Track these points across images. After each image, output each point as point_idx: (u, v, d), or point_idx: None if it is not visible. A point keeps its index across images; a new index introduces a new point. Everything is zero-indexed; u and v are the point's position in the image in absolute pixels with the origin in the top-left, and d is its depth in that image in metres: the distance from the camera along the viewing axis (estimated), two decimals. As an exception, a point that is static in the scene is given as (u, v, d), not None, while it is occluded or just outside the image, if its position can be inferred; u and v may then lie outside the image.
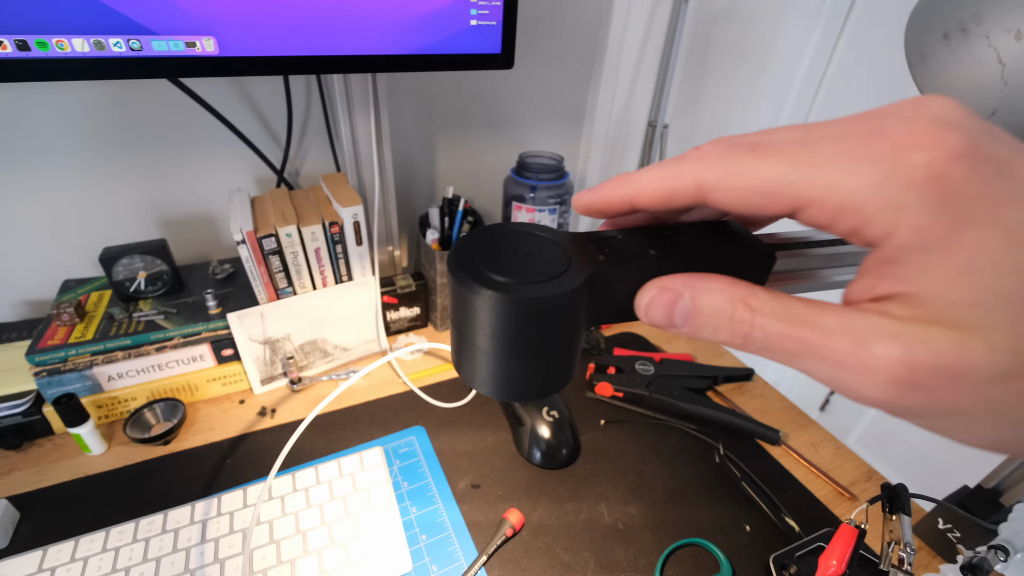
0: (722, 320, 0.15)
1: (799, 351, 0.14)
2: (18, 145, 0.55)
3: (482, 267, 0.17)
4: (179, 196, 0.64)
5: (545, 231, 0.20)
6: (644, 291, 0.17)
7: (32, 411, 0.50)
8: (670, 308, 0.16)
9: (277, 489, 0.47)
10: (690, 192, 0.16)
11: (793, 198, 0.14)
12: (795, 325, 0.14)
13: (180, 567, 0.40)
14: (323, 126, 0.67)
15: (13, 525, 0.44)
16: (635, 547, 0.46)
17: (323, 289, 0.59)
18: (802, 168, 0.14)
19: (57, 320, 0.52)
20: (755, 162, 0.15)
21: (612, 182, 0.19)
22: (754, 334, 0.15)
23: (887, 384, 0.13)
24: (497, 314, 0.17)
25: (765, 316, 0.15)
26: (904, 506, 0.30)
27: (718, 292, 0.16)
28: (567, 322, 0.18)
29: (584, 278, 0.17)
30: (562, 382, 0.20)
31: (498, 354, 0.18)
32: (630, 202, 0.18)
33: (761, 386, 0.67)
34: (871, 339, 0.13)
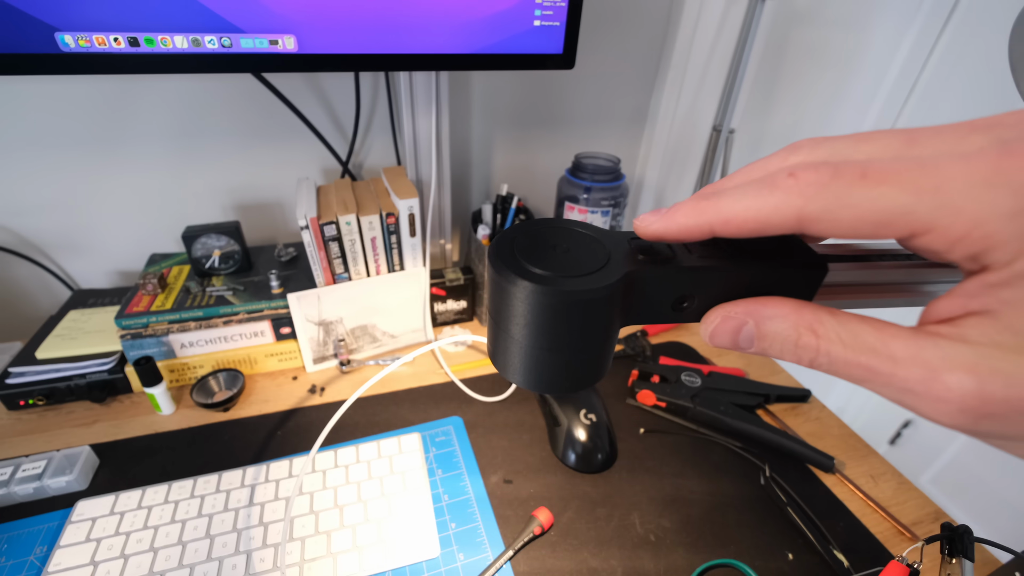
0: (787, 345, 0.16)
1: (866, 377, 0.14)
2: (121, 130, 0.61)
3: (521, 259, 0.18)
4: (254, 182, 0.69)
5: (587, 228, 0.20)
6: (708, 319, 0.18)
7: (116, 369, 0.56)
8: (735, 335, 0.17)
9: (320, 463, 0.49)
10: (789, 224, 0.15)
11: (912, 227, 0.13)
12: (862, 353, 0.14)
13: (229, 526, 0.44)
14: (387, 122, 0.70)
15: (93, 470, 0.49)
16: (666, 561, 0.45)
17: (376, 277, 0.62)
18: (925, 196, 0.13)
19: (143, 289, 0.58)
20: (868, 191, 0.13)
21: (687, 207, 0.17)
22: (819, 360, 0.15)
23: (957, 413, 0.13)
24: (533, 305, 0.17)
25: (831, 343, 0.15)
26: (967, 550, 0.27)
27: (782, 319, 0.16)
28: (601, 318, 0.18)
29: (621, 275, 0.17)
30: (594, 378, 0.20)
31: (532, 345, 0.18)
32: (711, 231, 0.17)
33: (818, 409, 0.63)
34: (943, 369, 0.13)
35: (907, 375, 0.13)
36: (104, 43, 0.40)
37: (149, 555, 0.41)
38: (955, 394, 0.13)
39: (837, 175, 0.14)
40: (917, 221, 0.13)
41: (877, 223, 0.14)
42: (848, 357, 0.14)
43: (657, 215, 0.17)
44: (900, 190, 0.13)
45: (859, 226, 0.14)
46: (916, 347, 0.13)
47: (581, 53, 0.73)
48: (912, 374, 0.13)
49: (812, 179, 0.14)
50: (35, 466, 0.46)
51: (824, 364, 0.15)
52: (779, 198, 0.15)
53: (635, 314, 0.19)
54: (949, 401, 0.13)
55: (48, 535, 0.43)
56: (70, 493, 0.46)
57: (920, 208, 0.13)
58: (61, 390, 0.54)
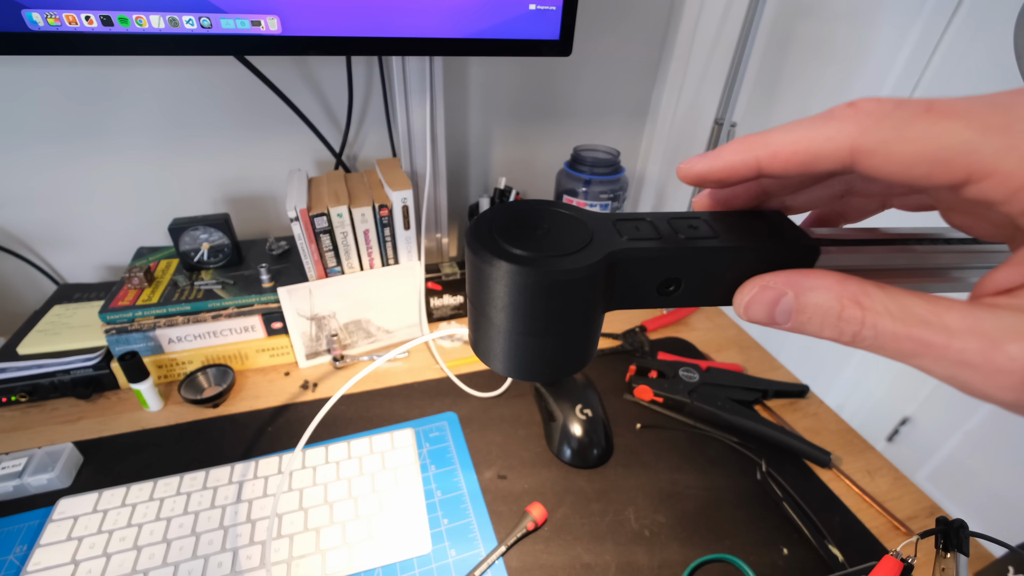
0: (829, 318, 0.14)
1: (917, 351, 0.13)
2: (106, 120, 0.59)
3: (500, 240, 0.17)
4: (245, 174, 0.68)
5: (570, 209, 0.19)
6: (743, 290, 0.17)
7: (102, 365, 0.54)
8: (772, 306, 0.16)
9: (310, 460, 0.48)
10: (840, 156, 0.14)
11: (971, 168, 0.12)
12: (914, 325, 0.13)
13: (215, 523, 0.43)
14: (382, 112, 0.68)
15: (77, 467, 0.48)
16: (660, 556, 0.44)
17: (370, 271, 0.61)
18: (993, 135, 0.12)
19: (128, 283, 0.56)
20: (931, 125, 0.12)
21: (735, 144, 0.16)
22: (864, 333, 0.14)
23: (1019, 385, 0.12)
24: (512, 287, 0.16)
25: (878, 315, 0.14)
26: (961, 544, 0.27)
27: (825, 290, 0.15)
28: (583, 300, 0.17)
29: (603, 255, 0.16)
30: (577, 365, 0.19)
31: (512, 330, 0.17)
32: (758, 168, 0.16)
33: (816, 404, 0.63)
34: (1004, 339, 0.12)
35: (964, 346, 0.12)
36: (75, 21, 0.38)
37: (132, 553, 0.40)
38: (1018, 364, 0.12)
39: (900, 106, 0.13)
40: (979, 162, 0.12)
41: (935, 160, 0.12)
42: (897, 330, 0.13)
43: (702, 156, 0.17)
44: (966, 126, 0.12)
45: (915, 164, 0.13)
46: (973, 318, 0.13)
47: (581, 42, 0.72)
48: (970, 345, 0.12)
49: (873, 108, 0.13)
50: (15, 464, 0.45)
51: (869, 339, 0.14)
52: (834, 127, 0.14)
53: (619, 298, 0.18)
54: (1012, 372, 0.12)
55: (28, 534, 0.42)
56: (52, 491, 0.45)
57: (985, 147, 0.12)
58: (44, 386, 0.53)
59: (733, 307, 0.17)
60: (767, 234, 0.18)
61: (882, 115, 0.13)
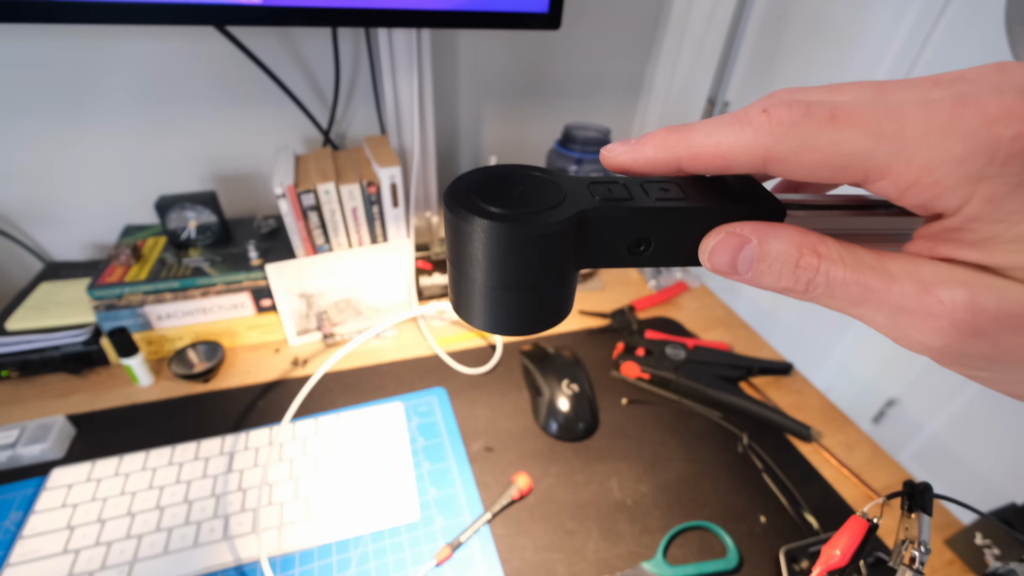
0: (787, 266, 0.15)
1: (861, 297, 0.14)
2: (88, 94, 0.59)
3: (476, 199, 0.17)
4: (231, 152, 0.67)
5: (544, 172, 0.19)
6: (710, 236, 0.17)
7: (91, 341, 0.55)
8: (735, 253, 0.16)
9: (300, 432, 0.49)
10: (754, 164, 0.15)
11: (867, 172, 0.13)
12: (861, 271, 0.14)
13: (207, 491, 0.43)
14: (370, 89, 0.68)
15: (70, 439, 0.48)
16: (641, 524, 0.45)
17: (359, 248, 0.61)
18: (884, 141, 0.13)
19: (116, 260, 0.56)
20: (835, 134, 0.13)
21: (657, 140, 0.17)
22: (817, 279, 0.15)
23: (948, 329, 0.13)
24: (486, 242, 0.17)
25: (832, 262, 0.14)
26: (925, 505, 0.28)
27: (787, 239, 0.15)
28: (554, 255, 0.17)
29: (574, 212, 0.17)
30: (551, 319, 0.20)
31: (488, 285, 0.18)
32: (678, 166, 0.17)
33: (800, 382, 0.64)
34: (937, 284, 0.13)
35: (902, 290, 0.13)
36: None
37: (127, 519, 0.41)
38: (947, 307, 0.13)
39: (808, 114, 0.14)
40: (873, 167, 0.13)
41: (837, 168, 0.14)
42: (846, 276, 0.14)
43: (626, 145, 0.17)
44: (863, 134, 0.13)
45: (820, 169, 0.14)
46: (912, 265, 0.14)
47: (572, 18, 0.71)
48: (907, 289, 0.13)
49: (784, 117, 0.14)
50: (7, 435, 0.45)
51: (821, 286, 0.15)
52: (749, 135, 0.15)
53: (591, 256, 0.19)
54: (940, 316, 0.13)
55: (23, 502, 0.43)
56: (45, 462, 0.46)
57: (878, 153, 0.13)
58: (35, 362, 0.53)
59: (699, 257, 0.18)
60: (736, 196, 0.18)
61: (791, 124, 0.14)
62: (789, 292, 0.16)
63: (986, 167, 0.12)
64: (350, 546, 0.41)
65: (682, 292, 0.77)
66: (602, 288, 0.77)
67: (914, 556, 0.27)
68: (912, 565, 0.27)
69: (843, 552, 0.28)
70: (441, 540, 0.42)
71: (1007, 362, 0.13)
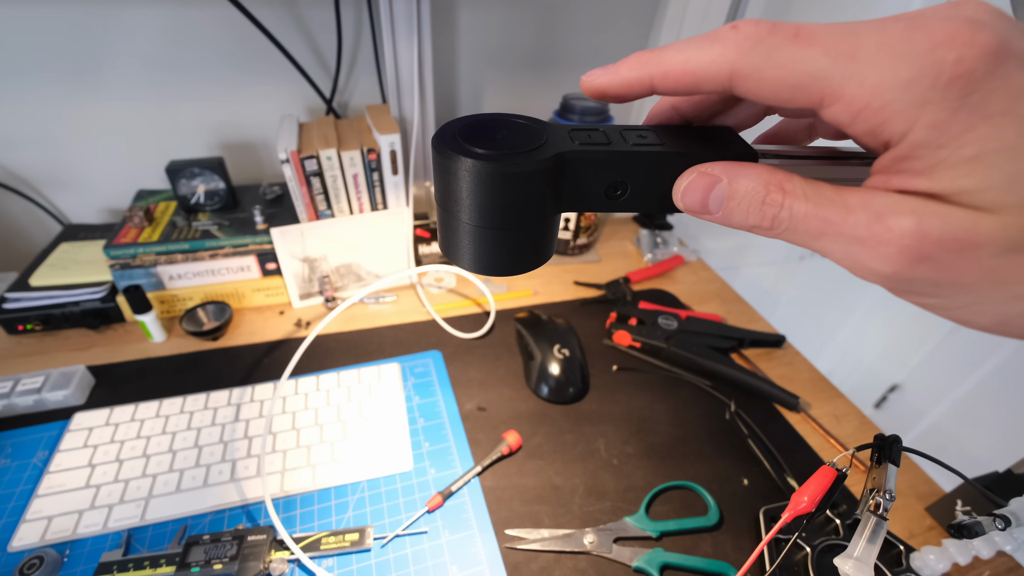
0: (754, 204, 0.16)
1: (821, 230, 0.15)
2: (102, 62, 0.60)
3: (462, 141, 0.18)
4: (238, 120, 0.69)
5: (528, 119, 0.20)
6: (683, 177, 0.18)
7: (108, 299, 0.58)
8: (707, 192, 0.17)
9: (302, 387, 0.52)
10: (721, 79, 0.15)
11: (823, 93, 0.14)
12: (821, 205, 0.15)
13: (216, 438, 0.46)
14: (372, 59, 0.69)
15: (89, 388, 0.52)
16: (626, 482, 0.47)
17: (360, 215, 0.62)
18: (840, 62, 0.14)
19: (130, 222, 0.59)
20: (796, 51, 0.14)
21: (631, 60, 0.17)
22: (782, 215, 0.15)
23: (896, 255, 0.14)
24: (470, 181, 0.18)
25: (795, 198, 0.15)
26: (894, 456, 0.29)
27: (755, 177, 0.16)
28: (534, 195, 0.19)
29: (552, 155, 0.18)
30: (533, 260, 0.21)
31: (472, 224, 0.19)
32: (651, 85, 0.17)
33: (792, 355, 0.65)
34: (888, 213, 0.14)
35: (856, 220, 0.14)
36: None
37: (142, 460, 0.44)
38: (895, 234, 0.13)
39: (774, 31, 0.14)
40: (828, 88, 0.14)
41: (796, 86, 0.14)
42: (808, 210, 0.15)
43: (604, 69, 0.18)
44: (823, 53, 0.14)
45: (780, 88, 0.14)
46: (869, 197, 0.14)
47: (572, -11, 0.71)
48: (861, 219, 0.14)
49: (751, 32, 0.15)
50: (34, 381, 0.49)
51: (785, 221, 0.15)
52: (717, 50, 0.15)
53: (570, 200, 0.20)
54: (889, 243, 0.14)
55: (49, 442, 0.46)
56: (67, 407, 0.49)
57: (834, 74, 0.14)
58: (57, 316, 0.56)
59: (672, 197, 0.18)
60: (711, 143, 0.19)
61: (757, 40, 0.14)
62: (756, 229, 0.16)
63: (929, 91, 0.13)
64: (348, 491, 0.44)
65: (678, 266, 0.78)
66: (599, 261, 0.78)
67: (879, 502, 0.28)
68: (877, 511, 0.28)
69: (810, 498, 0.29)
70: (433, 489, 0.45)
71: (952, 286, 0.14)
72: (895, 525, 0.46)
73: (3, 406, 0.47)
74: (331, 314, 0.45)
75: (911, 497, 0.48)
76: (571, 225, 0.74)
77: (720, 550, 0.43)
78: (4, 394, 0.47)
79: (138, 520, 0.41)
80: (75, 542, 0.40)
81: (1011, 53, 0.13)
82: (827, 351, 1.58)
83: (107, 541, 0.40)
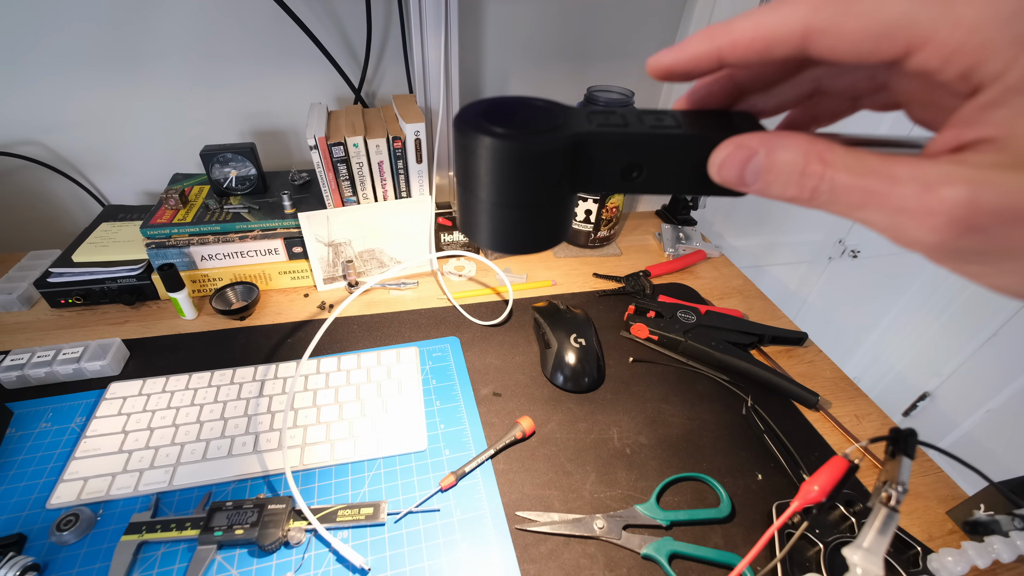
0: (792, 175, 0.15)
1: (863, 201, 0.14)
2: (143, 52, 0.63)
3: (483, 121, 0.19)
4: (270, 108, 0.71)
5: (548, 102, 0.21)
6: (720, 149, 0.17)
7: (144, 276, 0.60)
8: (743, 164, 0.16)
9: (324, 367, 0.53)
10: (794, 39, 0.15)
11: (910, 39, 0.13)
12: (864, 176, 0.14)
13: (240, 411, 0.48)
14: (400, 50, 0.70)
15: (124, 360, 0.54)
16: (638, 471, 0.47)
17: (384, 202, 0.64)
18: (928, 4, 0.13)
19: (166, 204, 0.61)
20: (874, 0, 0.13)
21: (699, 35, 0.17)
22: (822, 187, 0.15)
23: (944, 226, 0.13)
24: (489, 159, 0.19)
25: (836, 169, 0.14)
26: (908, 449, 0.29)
27: (793, 147, 0.15)
28: (551, 173, 0.19)
29: (569, 135, 0.18)
30: (548, 239, 0.22)
31: (492, 202, 0.20)
32: (720, 57, 0.17)
33: (813, 353, 0.64)
34: (940, 183, 0.13)
35: (904, 191, 0.13)
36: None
37: (171, 429, 0.46)
38: (946, 205, 0.13)
39: None
40: (917, 32, 0.13)
41: (879, 35, 0.13)
42: (849, 181, 0.14)
43: (669, 48, 0.18)
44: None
45: (862, 40, 0.14)
46: (918, 167, 0.13)
47: (599, -19, 0.71)
48: (909, 190, 0.13)
49: None
50: (74, 351, 0.51)
51: (825, 193, 0.15)
52: (789, 10, 0.15)
53: (586, 180, 0.20)
54: (938, 214, 0.13)
55: (86, 409, 0.49)
56: (104, 377, 0.52)
57: (923, 16, 0.13)
58: (96, 292, 0.59)
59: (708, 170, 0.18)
60: (727, 128, 0.19)
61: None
62: (795, 200, 0.16)
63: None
64: (364, 467, 0.45)
65: (700, 260, 0.77)
66: (620, 254, 0.78)
67: (891, 494, 0.28)
68: (888, 503, 0.28)
69: (821, 488, 0.29)
70: (447, 469, 0.46)
71: (998, 254, 0.13)
72: (914, 527, 0.45)
73: (45, 373, 0.50)
74: (351, 296, 0.46)
75: (932, 500, 0.47)
76: (592, 217, 0.74)
77: (731, 542, 0.43)
78: (46, 362, 0.50)
79: (166, 485, 0.43)
80: (108, 503, 0.42)
81: None
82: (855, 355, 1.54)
83: (137, 503, 0.42)
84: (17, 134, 0.66)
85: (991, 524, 0.34)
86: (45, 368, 0.50)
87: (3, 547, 0.38)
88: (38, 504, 0.42)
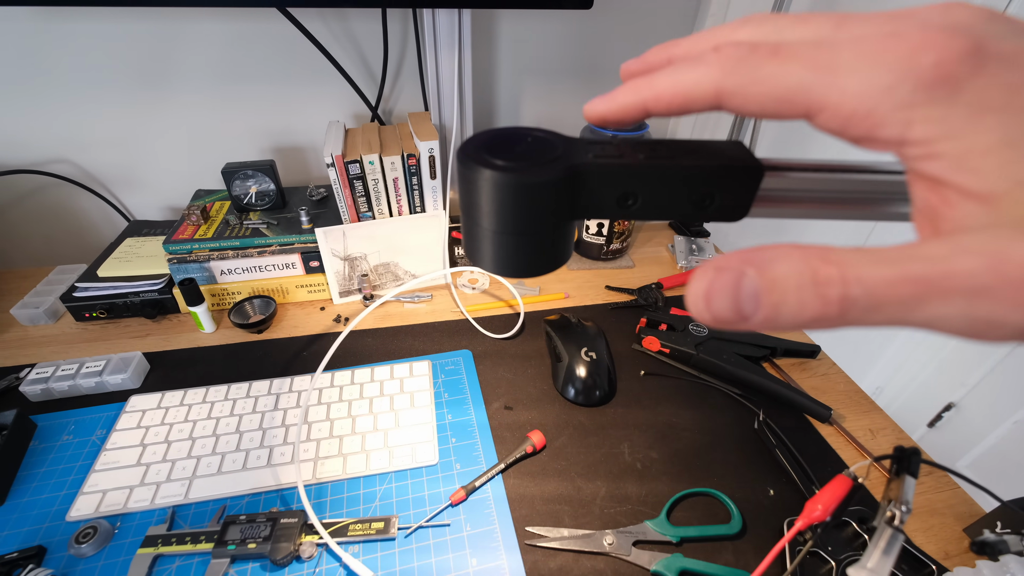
0: (805, 288, 0.12)
1: (921, 293, 0.11)
2: (167, 72, 0.66)
3: (484, 154, 0.20)
4: (289, 127, 0.73)
5: (547, 133, 0.22)
6: (696, 279, 0.14)
7: (165, 290, 0.62)
8: (734, 291, 0.13)
9: (338, 380, 0.54)
10: (708, 99, 0.16)
11: (808, 104, 0.14)
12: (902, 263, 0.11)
13: (256, 424, 0.49)
14: (416, 69, 0.72)
15: (144, 372, 0.56)
16: (649, 486, 0.47)
17: (399, 217, 0.65)
18: (819, 73, 0.14)
19: (188, 220, 0.63)
20: (776, 68, 0.14)
21: (626, 88, 0.18)
22: (851, 292, 0.12)
23: None
24: (490, 191, 0.20)
25: (854, 266, 0.12)
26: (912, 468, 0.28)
27: (787, 257, 0.12)
28: (549, 203, 0.20)
29: (566, 167, 0.19)
30: (549, 263, 0.22)
31: (492, 229, 0.21)
32: (645, 108, 0.18)
33: (826, 365, 0.63)
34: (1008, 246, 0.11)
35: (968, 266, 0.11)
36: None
37: (188, 442, 0.48)
38: None
39: (753, 51, 0.15)
40: (813, 98, 0.14)
41: (780, 99, 0.14)
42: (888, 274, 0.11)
43: (601, 97, 0.19)
44: (802, 67, 0.14)
45: (766, 102, 0.15)
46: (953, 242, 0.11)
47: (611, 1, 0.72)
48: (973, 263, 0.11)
49: (731, 53, 0.15)
50: (96, 365, 0.53)
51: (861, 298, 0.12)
52: (702, 71, 0.16)
53: (583, 208, 0.21)
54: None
55: (107, 421, 0.50)
56: (125, 390, 0.53)
57: (816, 85, 0.14)
58: (119, 306, 0.61)
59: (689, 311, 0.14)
60: (718, 156, 0.20)
61: (739, 59, 0.15)
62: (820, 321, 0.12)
63: (913, 93, 0.13)
64: (376, 481, 0.46)
65: (712, 273, 0.77)
66: (632, 266, 0.78)
67: (895, 513, 0.28)
68: (892, 522, 0.28)
69: (824, 507, 0.29)
70: (457, 483, 0.46)
71: None
72: (930, 544, 0.44)
73: (68, 387, 0.52)
74: (366, 310, 0.47)
75: (949, 517, 0.46)
76: (604, 230, 0.75)
77: (742, 559, 0.42)
78: (70, 375, 0.52)
79: (182, 498, 0.44)
80: (125, 515, 0.43)
81: (990, 55, 0.12)
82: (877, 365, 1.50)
83: (153, 516, 0.43)
84: (49, 152, 0.68)
85: (998, 544, 0.33)
86: (68, 381, 0.51)
87: (24, 559, 0.39)
88: (58, 516, 0.43)
